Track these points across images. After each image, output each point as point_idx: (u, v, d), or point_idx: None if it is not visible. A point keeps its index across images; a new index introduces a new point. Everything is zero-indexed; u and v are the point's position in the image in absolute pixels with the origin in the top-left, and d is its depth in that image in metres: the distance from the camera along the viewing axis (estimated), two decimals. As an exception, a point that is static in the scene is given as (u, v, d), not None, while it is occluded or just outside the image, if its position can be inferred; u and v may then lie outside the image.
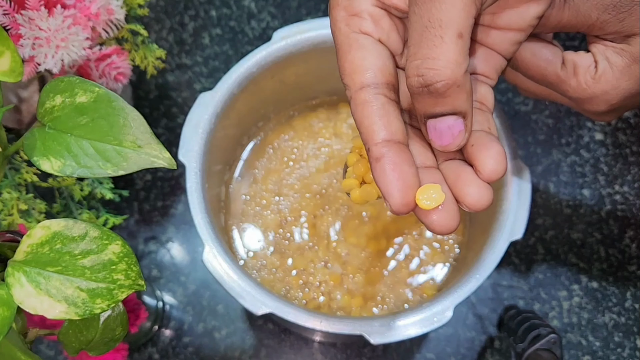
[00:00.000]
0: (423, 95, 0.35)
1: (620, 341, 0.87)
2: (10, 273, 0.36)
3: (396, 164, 0.35)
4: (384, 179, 0.35)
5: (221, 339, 0.87)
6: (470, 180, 0.37)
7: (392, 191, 0.35)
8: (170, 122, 0.94)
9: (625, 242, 0.90)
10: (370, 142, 0.36)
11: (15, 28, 0.66)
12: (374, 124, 0.36)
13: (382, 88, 0.37)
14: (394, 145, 0.36)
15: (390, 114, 0.37)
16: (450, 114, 0.35)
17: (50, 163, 0.36)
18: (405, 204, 0.35)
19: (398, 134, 0.36)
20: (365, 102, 0.37)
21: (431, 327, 0.70)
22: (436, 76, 0.34)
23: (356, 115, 0.37)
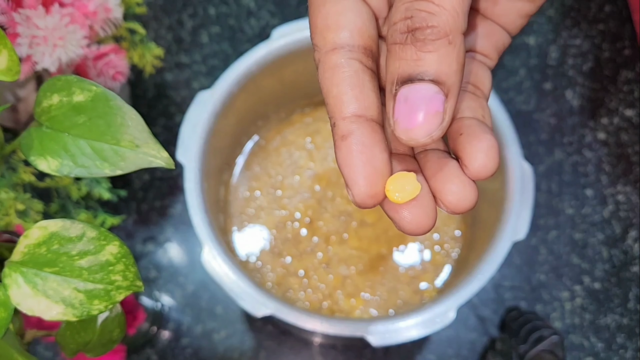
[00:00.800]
0: (405, 47, 0.28)
1: (622, 342, 0.87)
2: (7, 274, 0.36)
3: (365, 145, 0.29)
4: (349, 161, 0.29)
5: (220, 341, 0.86)
6: (453, 175, 0.30)
7: (357, 178, 0.29)
8: (168, 122, 0.94)
9: (628, 242, 0.90)
10: (337, 115, 0.30)
11: (13, 27, 0.66)
12: (343, 93, 0.29)
13: (357, 52, 0.30)
14: (365, 122, 0.29)
15: (365, 84, 0.30)
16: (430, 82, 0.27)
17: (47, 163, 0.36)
18: (371, 195, 0.29)
19: (371, 110, 0.30)
20: (336, 67, 0.30)
21: (433, 328, 0.70)
22: (429, 18, 0.27)
23: (324, 82, 0.30)
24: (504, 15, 0.35)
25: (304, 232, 0.86)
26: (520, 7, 0.35)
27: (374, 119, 0.30)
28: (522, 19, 0.35)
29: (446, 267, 0.85)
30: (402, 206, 0.30)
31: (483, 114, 0.33)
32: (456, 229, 0.86)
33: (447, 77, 0.27)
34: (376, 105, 0.30)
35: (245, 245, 0.86)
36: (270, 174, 0.88)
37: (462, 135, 0.30)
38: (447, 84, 0.27)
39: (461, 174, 0.30)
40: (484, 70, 0.36)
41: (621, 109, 0.95)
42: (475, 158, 0.29)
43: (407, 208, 0.30)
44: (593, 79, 0.97)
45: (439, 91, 0.27)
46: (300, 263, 0.85)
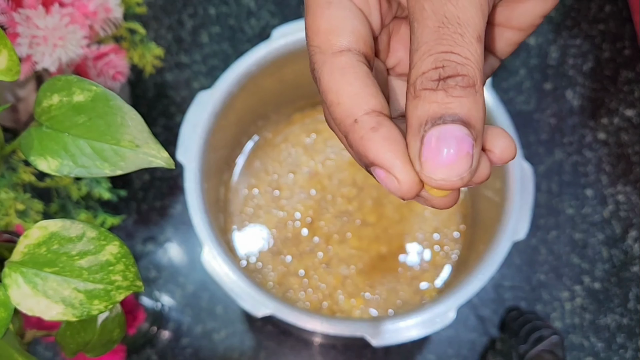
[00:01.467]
0: (436, 92, 0.28)
1: (622, 342, 0.87)
2: (7, 274, 0.36)
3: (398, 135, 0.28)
4: (390, 149, 0.28)
5: (220, 341, 0.86)
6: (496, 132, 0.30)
7: (402, 165, 0.28)
8: (168, 121, 0.94)
9: (628, 242, 0.90)
10: (357, 111, 0.29)
11: (13, 26, 0.66)
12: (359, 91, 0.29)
13: (363, 57, 0.30)
14: (388, 119, 0.29)
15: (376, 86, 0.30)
16: (461, 124, 0.27)
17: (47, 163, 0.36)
18: (417, 181, 0.28)
19: (386, 109, 0.29)
20: (347, 67, 0.30)
21: (433, 328, 0.70)
22: (460, 68, 0.27)
23: (332, 84, 0.30)
24: (494, 42, 0.36)
25: (304, 232, 0.86)
26: (509, 36, 0.35)
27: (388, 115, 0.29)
28: (511, 46, 0.36)
29: (446, 267, 0.85)
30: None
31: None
32: (456, 229, 0.86)
33: (476, 122, 0.27)
34: (387, 108, 0.30)
35: (246, 245, 0.86)
36: (270, 174, 0.88)
37: None
38: (476, 128, 0.27)
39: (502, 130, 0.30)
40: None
41: (621, 109, 0.95)
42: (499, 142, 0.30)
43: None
44: (593, 79, 0.97)
45: (469, 134, 0.27)
46: (300, 263, 0.85)
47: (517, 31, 0.35)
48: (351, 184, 0.87)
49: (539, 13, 0.34)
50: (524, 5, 0.34)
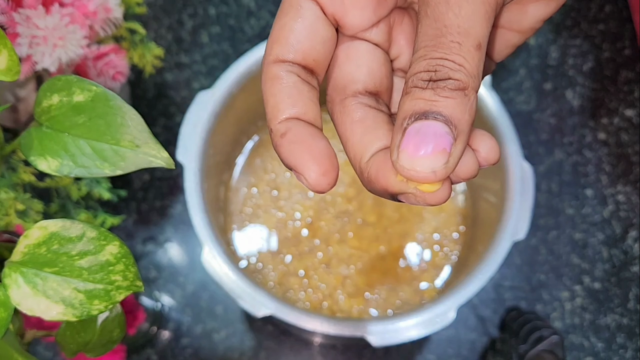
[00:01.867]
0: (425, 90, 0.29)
1: (622, 342, 0.87)
2: (7, 274, 0.36)
3: (305, 135, 0.30)
4: (294, 150, 0.30)
5: (220, 341, 0.86)
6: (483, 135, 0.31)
7: (306, 162, 0.29)
8: (168, 122, 0.94)
9: (628, 242, 0.90)
10: (274, 121, 0.31)
11: (13, 27, 0.66)
12: (280, 102, 0.31)
13: (298, 68, 0.32)
14: (302, 122, 0.31)
15: (303, 93, 0.31)
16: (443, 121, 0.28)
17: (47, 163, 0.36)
18: (324, 173, 0.29)
19: (309, 114, 0.31)
20: (275, 78, 0.31)
21: (433, 328, 0.70)
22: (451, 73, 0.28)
23: (264, 91, 0.32)
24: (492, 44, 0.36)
25: (304, 232, 0.86)
26: (508, 38, 0.35)
27: (311, 121, 0.31)
28: (507, 49, 0.36)
29: (446, 267, 0.85)
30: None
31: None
32: (456, 229, 0.86)
33: (459, 123, 0.28)
34: (314, 112, 0.31)
35: (246, 245, 0.86)
36: (270, 174, 0.88)
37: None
38: (458, 128, 0.28)
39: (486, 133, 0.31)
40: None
41: (621, 109, 0.95)
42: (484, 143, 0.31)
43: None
44: (593, 79, 0.97)
45: (450, 132, 0.28)
46: (300, 263, 0.85)
47: (517, 34, 0.35)
48: (351, 183, 0.87)
49: (541, 17, 0.34)
50: (526, 8, 0.34)
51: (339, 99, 0.33)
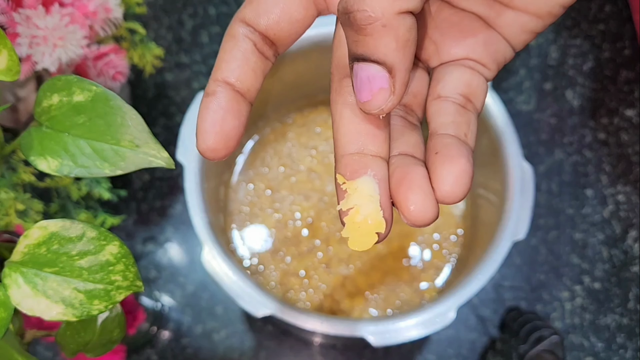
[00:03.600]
0: (346, 29, 0.29)
1: (622, 342, 0.86)
2: (7, 274, 0.36)
3: (221, 107, 0.30)
4: (203, 115, 0.30)
5: (220, 341, 0.86)
6: (418, 185, 0.29)
7: (204, 130, 0.30)
8: (168, 122, 0.94)
9: (628, 242, 0.89)
10: (212, 76, 0.31)
11: (13, 26, 0.66)
12: (223, 60, 0.31)
13: (257, 35, 0.31)
14: (232, 90, 0.31)
15: (249, 62, 0.31)
16: (372, 62, 0.28)
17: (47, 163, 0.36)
18: (210, 149, 0.30)
19: (243, 84, 0.31)
20: (232, 36, 0.31)
21: (433, 328, 0.70)
22: (357, 4, 0.28)
23: (222, 43, 0.32)
24: (507, 27, 0.34)
25: (304, 232, 0.86)
26: (525, 22, 0.33)
27: (242, 92, 0.31)
28: (526, 34, 0.34)
29: (446, 267, 0.85)
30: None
31: (467, 131, 0.32)
32: (456, 229, 0.86)
33: (386, 57, 0.28)
34: (250, 83, 0.31)
35: (245, 245, 0.86)
36: (271, 174, 0.88)
37: (437, 155, 0.30)
38: (387, 63, 0.28)
39: (427, 185, 0.29)
40: (479, 80, 0.35)
41: (621, 109, 0.95)
42: (444, 182, 0.29)
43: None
44: (593, 79, 0.97)
45: (381, 70, 0.28)
46: (300, 263, 0.85)
47: (533, 17, 0.33)
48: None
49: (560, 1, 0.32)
50: None
51: (338, 77, 0.32)
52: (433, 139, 0.32)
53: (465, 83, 0.34)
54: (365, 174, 0.31)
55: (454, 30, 0.34)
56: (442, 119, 0.33)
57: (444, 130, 0.32)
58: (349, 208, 0.30)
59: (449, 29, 0.34)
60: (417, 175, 0.30)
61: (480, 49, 0.35)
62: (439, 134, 0.32)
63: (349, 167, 0.31)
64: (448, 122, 0.32)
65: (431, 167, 0.30)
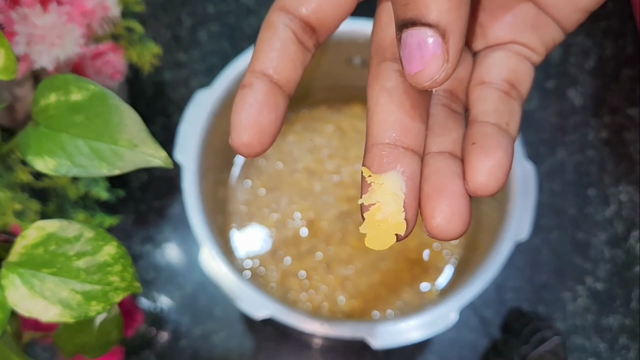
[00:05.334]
0: None
1: (625, 343, 0.86)
2: (5, 275, 0.35)
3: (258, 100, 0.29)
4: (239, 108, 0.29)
5: (219, 342, 0.86)
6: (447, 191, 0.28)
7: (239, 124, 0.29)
8: (167, 121, 0.93)
9: (631, 242, 0.89)
10: (249, 67, 0.30)
11: (10, 25, 0.65)
12: (261, 51, 0.30)
13: (297, 23, 0.30)
14: (269, 82, 0.29)
15: (288, 53, 0.30)
16: (423, 26, 0.25)
17: (44, 162, 0.36)
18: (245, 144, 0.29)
19: (280, 75, 0.30)
20: (271, 25, 0.30)
21: (434, 330, 0.70)
22: None
23: (260, 33, 0.31)
24: (558, 6, 0.33)
25: (304, 232, 0.85)
26: (579, 1, 0.32)
27: (280, 83, 0.30)
28: (578, 13, 0.33)
29: (448, 268, 0.85)
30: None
31: (509, 120, 0.31)
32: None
33: (439, 19, 0.25)
34: (289, 74, 0.30)
35: (244, 246, 0.85)
36: (270, 173, 0.88)
37: (474, 146, 0.29)
38: (440, 25, 0.25)
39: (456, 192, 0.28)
40: (525, 66, 0.33)
41: (624, 107, 0.95)
42: (478, 175, 0.28)
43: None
44: (595, 77, 0.96)
45: (434, 34, 0.25)
46: (300, 263, 0.84)
47: None
48: (352, 183, 0.87)
49: None
50: None
51: (376, 61, 0.31)
52: (472, 127, 0.30)
53: (510, 68, 0.33)
54: (394, 169, 0.29)
55: (502, 12, 0.33)
56: (484, 107, 0.31)
57: (484, 118, 0.31)
58: (371, 204, 0.28)
59: (496, 10, 0.33)
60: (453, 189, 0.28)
61: (529, 32, 0.33)
62: (479, 121, 0.31)
63: (376, 160, 0.29)
64: (490, 109, 0.31)
65: (466, 157, 0.29)
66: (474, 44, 0.34)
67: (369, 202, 0.28)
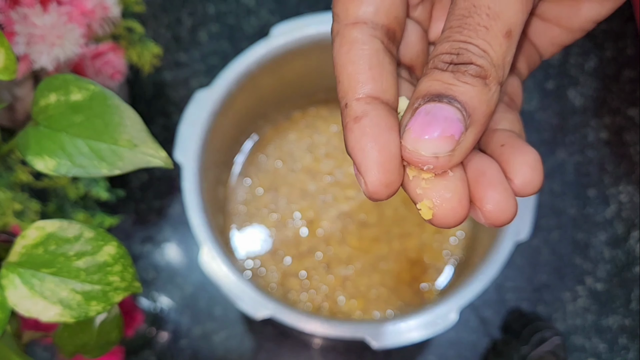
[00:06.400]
0: (444, 72, 0.26)
1: (625, 343, 0.86)
2: (4, 275, 0.35)
3: (381, 128, 0.26)
4: (363, 145, 0.26)
5: (219, 342, 0.86)
6: (495, 182, 0.27)
7: (372, 164, 0.26)
8: (167, 121, 0.93)
9: (630, 243, 0.89)
10: (351, 95, 0.27)
11: (10, 25, 0.65)
12: (360, 72, 0.27)
13: (380, 31, 0.28)
14: (381, 105, 0.27)
15: (385, 65, 0.28)
16: (457, 107, 0.25)
17: (44, 162, 0.36)
18: (386, 184, 0.26)
19: (389, 93, 0.27)
20: (356, 42, 0.28)
21: (435, 330, 0.70)
22: (474, 58, 0.26)
23: (339, 57, 0.28)
24: (537, 36, 0.34)
25: (304, 231, 0.85)
26: (555, 35, 0.33)
27: (390, 103, 0.28)
28: (555, 47, 0.34)
29: (448, 268, 0.85)
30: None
31: (517, 127, 0.32)
32: (458, 230, 0.86)
33: (474, 111, 0.26)
34: (394, 90, 0.28)
35: (245, 246, 0.85)
36: (270, 173, 0.88)
37: (505, 147, 0.29)
38: (472, 117, 0.26)
39: (503, 181, 0.28)
40: (518, 82, 0.34)
41: (623, 108, 0.95)
42: (523, 172, 0.28)
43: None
44: (595, 78, 0.96)
45: (462, 119, 0.26)
46: (300, 263, 0.84)
47: (565, 31, 0.33)
48: (352, 183, 0.87)
49: (593, 17, 0.32)
50: (578, 5, 0.32)
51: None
52: (491, 134, 0.30)
53: (509, 83, 0.34)
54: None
55: None
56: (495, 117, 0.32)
57: (499, 126, 0.31)
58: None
59: None
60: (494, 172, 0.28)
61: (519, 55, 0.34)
62: (495, 129, 0.31)
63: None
64: (500, 117, 0.32)
65: (501, 159, 0.29)
66: None
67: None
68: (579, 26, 0.32)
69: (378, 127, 0.26)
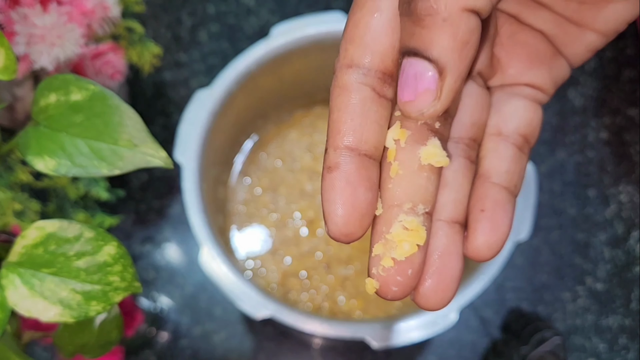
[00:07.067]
0: (403, 19, 0.26)
1: (625, 343, 0.86)
2: (4, 275, 0.35)
3: (349, 182, 0.27)
4: (330, 196, 0.27)
5: (219, 342, 0.86)
6: (446, 273, 0.29)
7: (334, 215, 0.27)
8: (167, 121, 0.93)
9: (630, 242, 0.89)
10: (330, 142, 0.28)
11: (10, 25, 0.65)
12: (342, 122, 0.27)
13: (373, 77, 0.28)
14: (357, 157, 0.27)
15: (370, 115, 0.27)
16: (422, 58, 0.25)
17: (44, 162, 0.36)
18: (344, 234, 0.27)
19: (368, 144, 0.28)
20: (345, 88, 0.28)
21: (435, 330, 0.70)
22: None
23: (331, 99, 0.28)
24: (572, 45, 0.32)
25: (304, 231, 0.85)
26: (591, 41, 0.32)
27: (369, 153, 0.28)
28: (589, 53, 0.33)
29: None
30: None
31: (517, 182, 0.32)
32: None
33: (440, 56, 0.25)
34: (376, 139, 0.28)
35: (245, 246, 0.85)
36: (270, 173, 0.88)
37: (483, 213, 0.30)
38: (439, 62, 0.25)
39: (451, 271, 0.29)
40: (538, 116, 0.33)
41: (623, 108, 0.95)
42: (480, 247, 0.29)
43: (386, 281, 0.29)
44: (596, 78, 0.96)
45: (431, 68, 0.25)
46: (300, 263, 0.84)
47: (600, 35, 0.31)
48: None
49: (627, 17, 0.31)
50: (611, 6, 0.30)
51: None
52: (484, 186, 0.31)
53: (527, 121, 0.33)
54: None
55: (521, 52, 0.33)
56: (498, 165, 0.32)
57: (497, 180, 0.31)
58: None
59: (515, 48, 0.33)
60: (452, 271, 0.29)
61: (546, 75, 0.33)
62: (491, 182, 0.31)
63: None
64: (503, 170, 0.32)
65: (473, 224, 0.30)
66: (490, 80, 0.34)
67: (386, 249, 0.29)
68: (615, 28, 0.31)
69: (346, 182, 0.27)
